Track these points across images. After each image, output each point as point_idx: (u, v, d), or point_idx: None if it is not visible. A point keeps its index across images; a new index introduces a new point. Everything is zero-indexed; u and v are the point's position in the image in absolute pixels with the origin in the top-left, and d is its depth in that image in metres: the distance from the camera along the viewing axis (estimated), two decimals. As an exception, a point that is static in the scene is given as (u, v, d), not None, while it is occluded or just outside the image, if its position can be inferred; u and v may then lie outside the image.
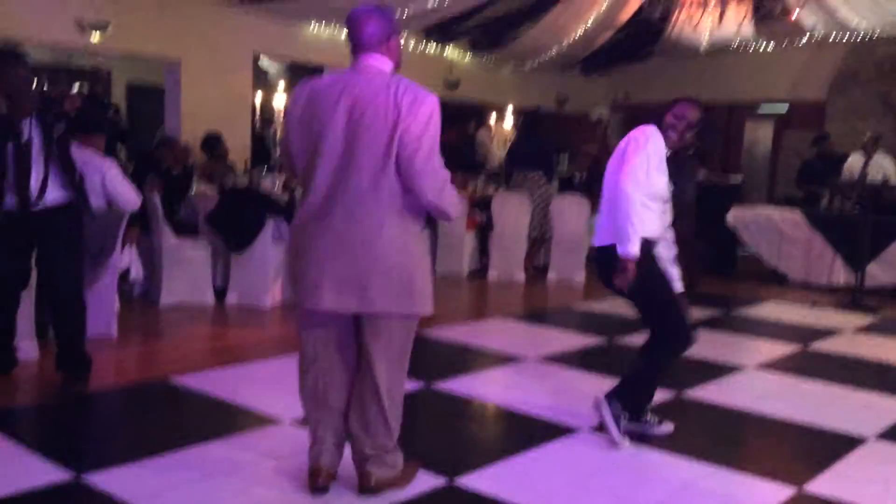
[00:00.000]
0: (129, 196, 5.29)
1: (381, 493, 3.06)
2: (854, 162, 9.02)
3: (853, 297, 7.81)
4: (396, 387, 3.05)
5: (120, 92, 11.50)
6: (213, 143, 7.95)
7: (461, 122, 10.98)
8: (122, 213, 5.37)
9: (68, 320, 4.30)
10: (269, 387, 4.42)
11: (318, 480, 3.07)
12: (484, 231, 8.83)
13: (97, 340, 5.22)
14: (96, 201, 5.19)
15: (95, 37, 7.29)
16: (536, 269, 8.88)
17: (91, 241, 5.13)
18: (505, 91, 11.86)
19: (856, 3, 9.09)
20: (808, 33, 10.41)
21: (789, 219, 8.93)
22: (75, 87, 10.76)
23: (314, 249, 2.89)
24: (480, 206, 8.83)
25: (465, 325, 6.32)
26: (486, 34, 10.97)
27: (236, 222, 6.49)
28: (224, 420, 3.95)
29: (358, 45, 2.91)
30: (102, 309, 5.30)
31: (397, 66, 2.96)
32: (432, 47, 10.64)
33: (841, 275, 8.49)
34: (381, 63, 2.90)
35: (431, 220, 3.56)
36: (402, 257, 2.87)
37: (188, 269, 6.44)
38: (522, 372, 5.01)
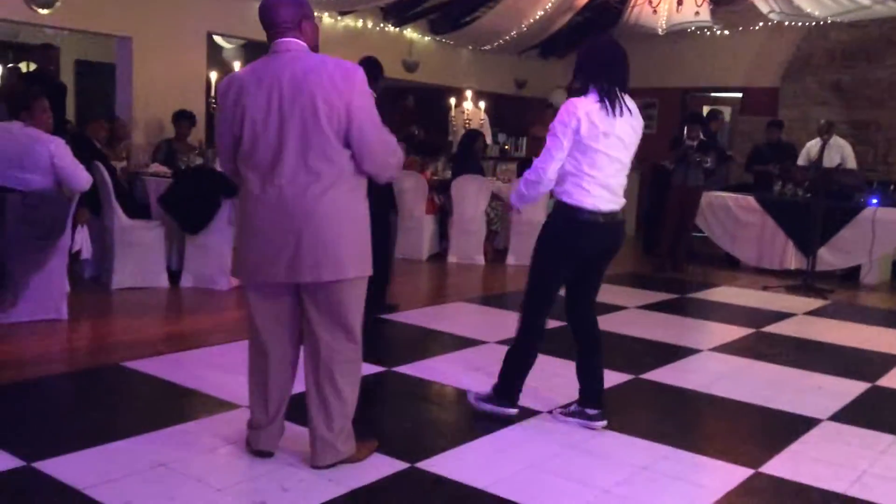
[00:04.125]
0: (79, 175, 5.16)
1: (335, 467, 3.12)
2: (812, 147, 9.13)
3: (804, 281, 7.95)
4: (347, 360, 3.08)
5: (69, 69, 11.19)
6: (180, 119, 7.82)
7: (397, 99, 11.01)
8: (72, 193, 5.24)
9: None
10: (225, 371, 4.34)
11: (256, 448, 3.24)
12: (443, 215, 8.81)
13: (47, 323, 5.11)
14: (45, 181, 5.07)
15: (43, 12, 7.07)
16: (496, 252, 8.90)
17: (40, 221, 5.01)
18: (464, 73, 11.81)
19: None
20: (763, 20, 10.53)
21: (743, 203, 9.06)
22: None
23: (261, 225, 2.96)
24: (439, 190, 8.81)
25: (426, 309, 6.30)
26: (446, 16, 10.89)
27: (191, 203, 6.36)
28: (179, 405, 3.88)
29: (272, 30, 2.99)
30: (52, 291, 5.19)
31: (313, 49, 3.03)
32: (391, 28, 10.53)
33: (793, 259, 8.66)
34: (297, 45, 2.97)
35: (393, 204, 3.47)
36: (343, 225, 2.95)
37: (141, 252, 6.31)
38: (482, 356, 5.01)
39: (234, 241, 3.15)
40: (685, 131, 8.58)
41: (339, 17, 9.70)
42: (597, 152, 3.47)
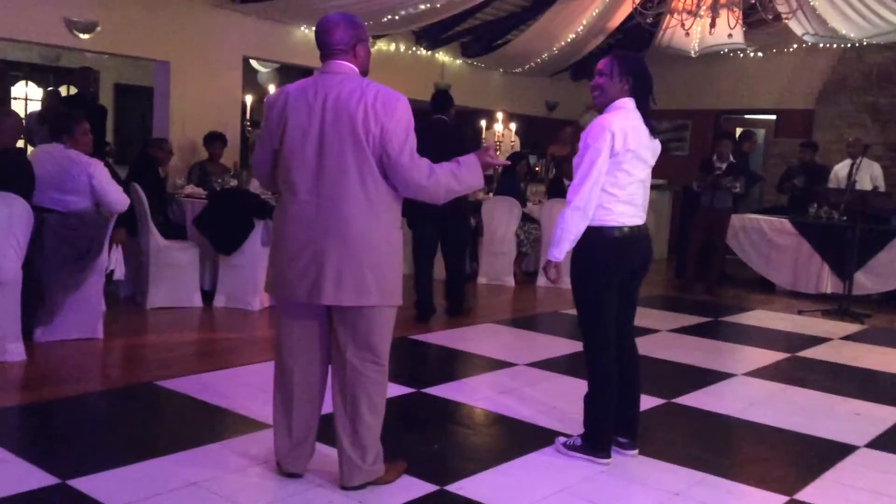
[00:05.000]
0: (116, 197, 5.27)
1: (364, 489, 3.12)
2: (840, 169, 9.02)
3: (841, 306, 7.83)
4: (372, 382, 3.07)
5: (108, 92, 11.43)
6: (213, 141, 7.91)
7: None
8: (110, 214, 5.33)
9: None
10: (257, 391, 4.37)
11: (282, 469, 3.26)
12: (473, 236, 8.81)
13: (83, 342, 5.19)
14: (83, 202, 5.18)
15: (84, 37, 7.24)
16: (525, 274, 8.88)
17: (78, 241, 5.10)
18: (495, 96, 11.85)
19: (846, 13, 9.13)
20: (797, 41, 10.46)
21: (777, 226, 8.96)
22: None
23: (291, 243, 3.00)
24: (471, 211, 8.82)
25: (455, 331, 6.30)
26: (477, 39, 10.97)
27: (225, 224, 6.45)
28: (212, 424, 3.91)
29: (326, 51, 3.04)
30: (88, 310, 5.26)
31: (364, 73, 3.07)
32: (423, 52, 10.62)
33: (829, 283, 8.52)
34: (348, 68, 3.01)
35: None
36: (374, 251, 2.96)
37: (175, 272, 6.39)
38: (513, 378, 4.99)
39: (269, 256, 3.18)
40: (715, 150, 8.59)
41: (372, 41, 9.81)
42: (621, 171, 3.42)
